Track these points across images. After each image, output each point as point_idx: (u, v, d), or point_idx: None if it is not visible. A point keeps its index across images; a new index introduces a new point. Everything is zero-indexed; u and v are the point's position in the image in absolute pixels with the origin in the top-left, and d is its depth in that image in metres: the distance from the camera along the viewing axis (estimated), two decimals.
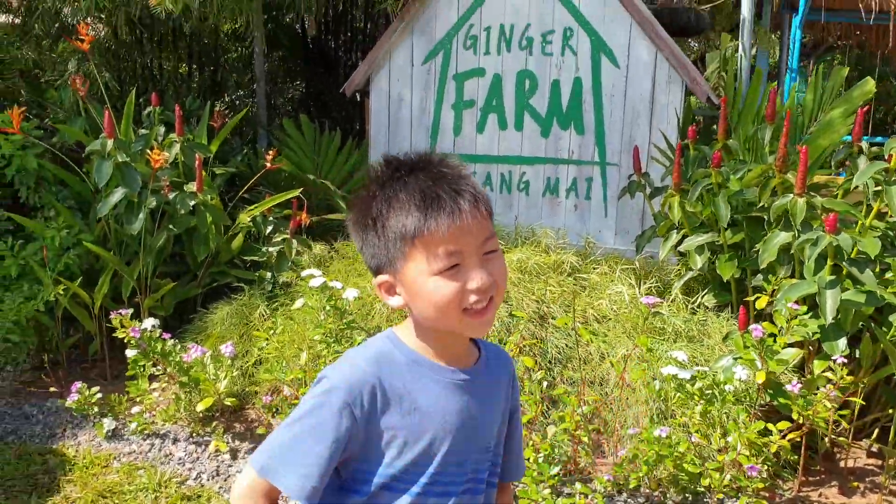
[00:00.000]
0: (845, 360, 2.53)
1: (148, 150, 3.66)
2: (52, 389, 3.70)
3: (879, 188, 2.89)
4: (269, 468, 1.11)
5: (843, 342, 2.73)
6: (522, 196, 4.52)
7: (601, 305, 3.42)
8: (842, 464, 3.10)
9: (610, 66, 4.22)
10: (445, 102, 4.58)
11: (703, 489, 2.65)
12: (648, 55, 4.11)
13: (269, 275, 3.94)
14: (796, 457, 2.73)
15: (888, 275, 2.82)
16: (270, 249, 3.96)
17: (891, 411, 2.96)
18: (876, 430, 3.13)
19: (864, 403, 2.84)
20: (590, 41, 4.23)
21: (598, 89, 4.27)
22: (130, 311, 3.28)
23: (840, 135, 3.55)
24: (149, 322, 3.26)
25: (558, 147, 4.40)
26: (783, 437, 2.50)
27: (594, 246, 4.05)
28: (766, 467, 2.56)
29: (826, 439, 2.96)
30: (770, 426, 2.54)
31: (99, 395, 3.41)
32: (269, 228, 4.06)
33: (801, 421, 2.50)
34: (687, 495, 2.74)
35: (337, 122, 6.87)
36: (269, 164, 4.05)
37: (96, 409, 3.43)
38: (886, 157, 2.83)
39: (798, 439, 2.66)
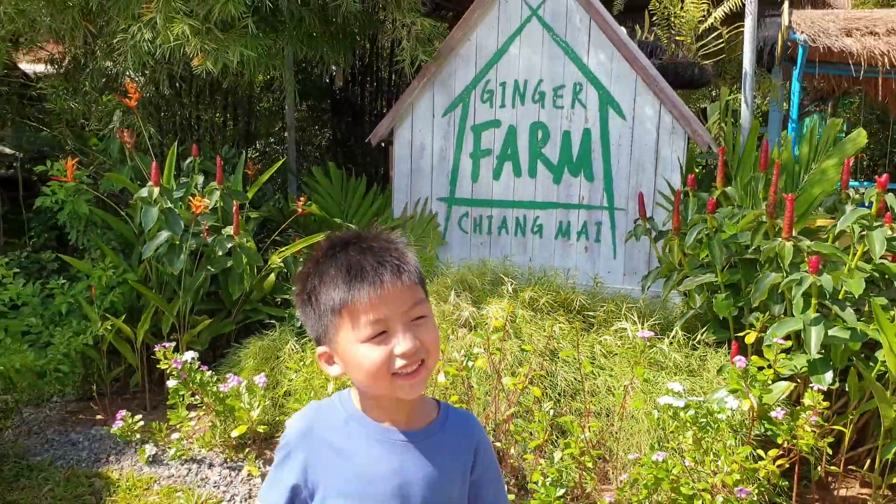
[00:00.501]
0: (823, 390, 2.74)
1: (190, 197, 3.99)
2: (98, 417, 3.98)
3: (865, 232, 3.12)
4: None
5: (829, 375, 2.94)
6: (536, 238, 4.78)
7: (607, 342, 3.65)
8: (836, 493, 3.28)
9: (617, 118, 4.51)
10: (464, 151, 4.89)
11: None
12: (653, 108, 4.40)
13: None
14: (787, 482, 2.93)
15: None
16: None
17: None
18: (868, 461, 3.30)
19: (845, 432, 3.02)
20: (598, 95, 4.53)
21: (606, 139, 4.55)
22: (173, 344, 3.57)
23: (833, 183, 3.78)
24: (189, 355, 3.54)
25: (569, 193, 4.68)
26: (773, 462, 2.69)
27: (602, 286, 4.30)
28: (756, 491, 2.75)
29: (819, 468, 3.15)
30: (760, 452, 2.75)
31: (141, 423, 3.69)
32: (299, 269, 4.35)
33: (786, 445, 2.70)
34: None
35: (363, 167, 7.21)
36: (300, 210, 4.37)
37: (138, 435, 3.70)
38: (867, 204, 3.06)
39: (787, 465, 2.86)
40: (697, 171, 4.57)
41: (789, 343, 2.83)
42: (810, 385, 2.81)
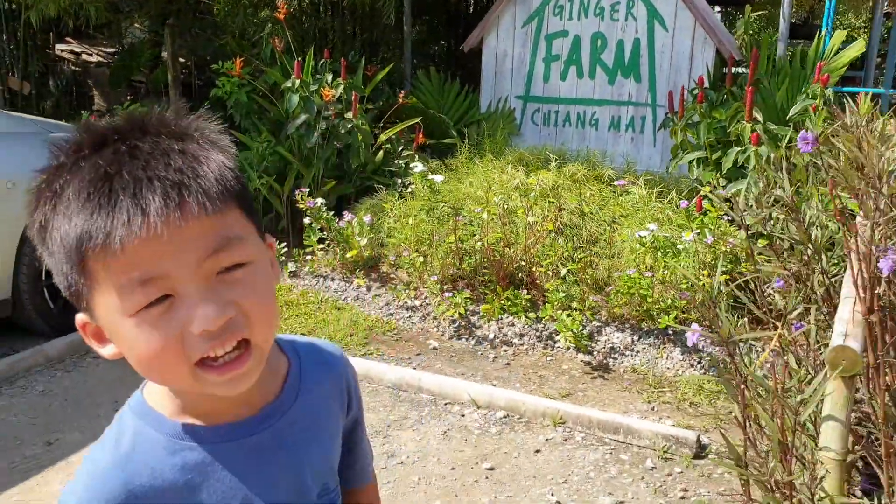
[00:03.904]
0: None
1: (322, 88, 5.38)
2: None
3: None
4: None
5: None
6: (592, 130, 5.89)
7: (625, 203, 4.79)
8: None
9: (661, 30, 5.48)
10: (538, 57, 6.00)
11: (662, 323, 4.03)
12: (689, 22, 5.34)
13: (398, 181, 5.58)
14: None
15: None
16: (400, 162, 5.60)
17: None
18: None
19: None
20: (646, 10, 5.50)
21: (651, 47, 5.54)
22: (308, 190, 5.02)
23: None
24: (319, 200, 4.99)
25: (621, 92, 5.73)
26: (709, 277, 3.82)
27: (634, 165, 5.39)
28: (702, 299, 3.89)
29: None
30: (704, 272, 3.88)
31: (286, 250, 5.22)
32: (401, 147, 5.70)
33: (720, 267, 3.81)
34: (657, 324, 4.13)
35: (467, 72, 8.40)
36: (401, 100, 5.68)
37: (283, 258, 5.24)
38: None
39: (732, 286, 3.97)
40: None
41: (730, 194, 3.88)
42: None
